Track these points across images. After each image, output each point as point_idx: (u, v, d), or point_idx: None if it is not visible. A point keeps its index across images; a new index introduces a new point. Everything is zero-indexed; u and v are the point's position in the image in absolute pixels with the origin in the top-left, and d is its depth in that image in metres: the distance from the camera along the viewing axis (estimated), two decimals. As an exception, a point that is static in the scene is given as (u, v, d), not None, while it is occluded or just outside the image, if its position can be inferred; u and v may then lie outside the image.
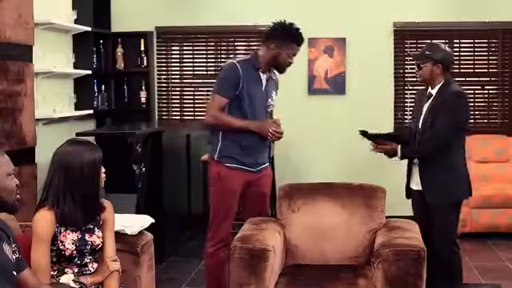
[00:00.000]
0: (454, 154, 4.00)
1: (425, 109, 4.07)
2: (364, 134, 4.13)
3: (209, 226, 4.11)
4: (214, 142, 4.07)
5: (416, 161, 4.06)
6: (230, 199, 4.05)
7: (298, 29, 4.06)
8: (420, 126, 4.04)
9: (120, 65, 6.90)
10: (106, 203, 3.01)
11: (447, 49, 4.13)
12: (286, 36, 4.02)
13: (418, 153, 4.02)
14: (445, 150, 3.95)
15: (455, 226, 4.11)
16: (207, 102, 6.98)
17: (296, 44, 4.06)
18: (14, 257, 2.56)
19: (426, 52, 4.05)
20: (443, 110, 3.92)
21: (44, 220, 2.79)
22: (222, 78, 4.03)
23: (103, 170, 2.93)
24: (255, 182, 4.11)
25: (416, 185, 4.10)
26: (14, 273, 2.53)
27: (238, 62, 4.03)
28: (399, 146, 4.03)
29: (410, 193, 4.18)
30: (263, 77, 4.09)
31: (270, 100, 4.13)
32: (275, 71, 4.18)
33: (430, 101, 4.05)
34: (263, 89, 4.08)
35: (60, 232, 2.83)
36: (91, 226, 2.91)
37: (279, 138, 4.10)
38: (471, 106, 6.26)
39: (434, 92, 4.05)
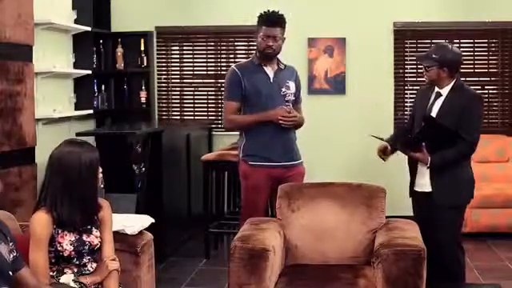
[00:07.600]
0: None
1: (435, 108, 4.01)
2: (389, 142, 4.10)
3: (239, 223, 4.14)
4: (240, 142, 4.33)
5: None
6: (255, 195, 4.20)
7: (270, 11, 4.19)
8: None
9: (120, 65, 6.90)
10: (103, 202, 2.99)
11: (455, 49, 4.08)
12: (258, 22, 4.22)
13: (455, 160, 3.95)
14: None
15: (460, 228, 4.10)
16: (207, 102, 7.07)
17: (264, 25, 4.17)
18: (10, 256, 2.54)
19: (433, 55, 3.98)
20: (468, 116, 3.89)
21: (40, 222, 2.77)
22: (226, 84, 4.34)
23: (100, 170, 2.92)
24: (285, 179, 4.15)
25: (419, 187, 4.06)
26: (11, 273, 2.51)
27: (235, 66, 4.35)
28: (429, 158, 3.93)
29: (413, 192, 4.14)
30: (269, 70, 4.26)
31: (284, 89, 4.27)
32: (282, 62, 4.31)
33: (441, 100, 4.00)
34: (271, 81, 4.25)
35: (57, 233, 2.82)
36: (89, 226, 2.90)
37: (291, 123, 4.18)
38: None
39: (443, 92, 3.99)
